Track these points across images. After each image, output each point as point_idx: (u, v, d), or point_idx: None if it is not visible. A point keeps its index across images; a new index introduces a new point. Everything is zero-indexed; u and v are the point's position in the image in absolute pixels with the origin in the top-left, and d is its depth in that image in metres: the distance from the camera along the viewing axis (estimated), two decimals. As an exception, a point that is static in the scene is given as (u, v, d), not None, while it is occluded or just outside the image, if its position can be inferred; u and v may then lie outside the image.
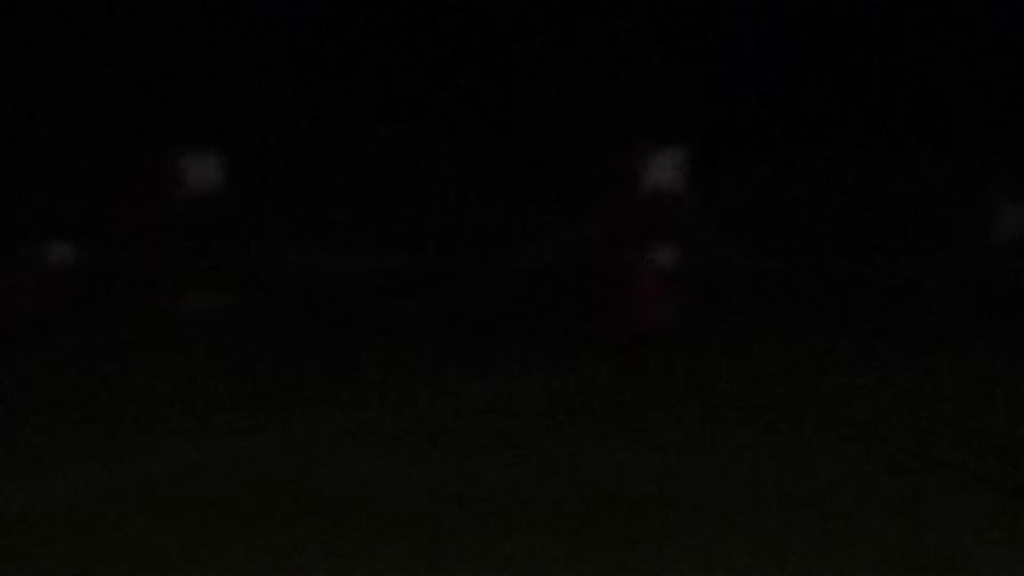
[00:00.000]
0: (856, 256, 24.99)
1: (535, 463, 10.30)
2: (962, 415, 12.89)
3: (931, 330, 19.34)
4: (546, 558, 7.31)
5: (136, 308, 20.44)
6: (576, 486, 9.39)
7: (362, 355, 17.51)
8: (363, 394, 14.38)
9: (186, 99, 26.37)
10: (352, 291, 22.33)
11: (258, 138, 25.68)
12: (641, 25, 28.07)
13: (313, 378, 15.40)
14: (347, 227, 25.65)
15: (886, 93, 29.28)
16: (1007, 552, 7.59)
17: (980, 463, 10.44)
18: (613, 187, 21.44)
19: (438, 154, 27.78)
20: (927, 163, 27.46)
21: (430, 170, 27.77)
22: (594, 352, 17.81)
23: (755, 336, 19.42)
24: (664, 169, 20.74)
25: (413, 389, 14.73)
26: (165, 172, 21.87)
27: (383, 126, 27.68)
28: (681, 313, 19.12)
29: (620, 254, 20.38)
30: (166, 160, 21.96)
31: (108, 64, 27.25)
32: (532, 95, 28.82)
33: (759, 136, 27.85)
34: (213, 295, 21.54)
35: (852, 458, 10.94)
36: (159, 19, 27.10)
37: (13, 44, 26.98)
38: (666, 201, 20.88)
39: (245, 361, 16.82)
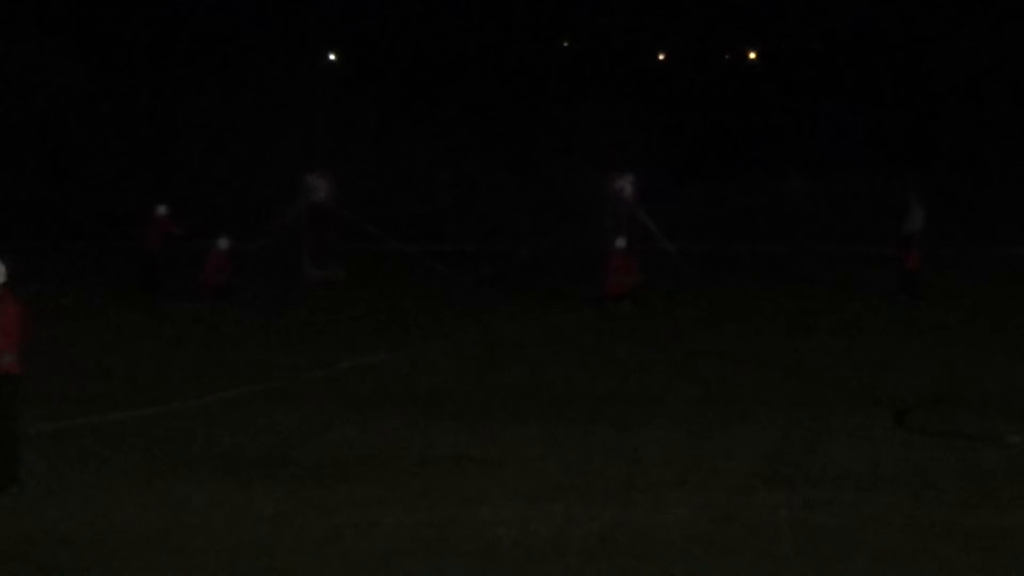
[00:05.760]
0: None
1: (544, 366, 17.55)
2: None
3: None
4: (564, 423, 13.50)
5: (280, 276, 25.30)
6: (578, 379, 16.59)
7: (436, 303, 23.32)
8: (447, 325, 21.05)
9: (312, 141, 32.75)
10: (424, 265, 27.80)
11: (360, 164, 32.13)
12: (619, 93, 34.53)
13: (412, 313, 22.23)
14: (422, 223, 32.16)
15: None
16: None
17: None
18: (594, 198, 27.30)
19: (485, 180, 34.50)
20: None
21: (479, 190, 34.80)
22: (587, 303, 23.12)
23: (682, 293, 24.82)
24: (627, 186, 27.19)
25: (479, 323, 21.17)
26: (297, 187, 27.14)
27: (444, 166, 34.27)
28: (637, 280, 23.53)
29: (600, 243, 24.93)
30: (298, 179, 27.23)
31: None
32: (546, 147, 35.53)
33: (689, 166, 35.16)
34: (332, 269, 26.88)
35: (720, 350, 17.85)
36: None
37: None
38: (624, 206, 26.72)
39: (353, 308, 22.64)
